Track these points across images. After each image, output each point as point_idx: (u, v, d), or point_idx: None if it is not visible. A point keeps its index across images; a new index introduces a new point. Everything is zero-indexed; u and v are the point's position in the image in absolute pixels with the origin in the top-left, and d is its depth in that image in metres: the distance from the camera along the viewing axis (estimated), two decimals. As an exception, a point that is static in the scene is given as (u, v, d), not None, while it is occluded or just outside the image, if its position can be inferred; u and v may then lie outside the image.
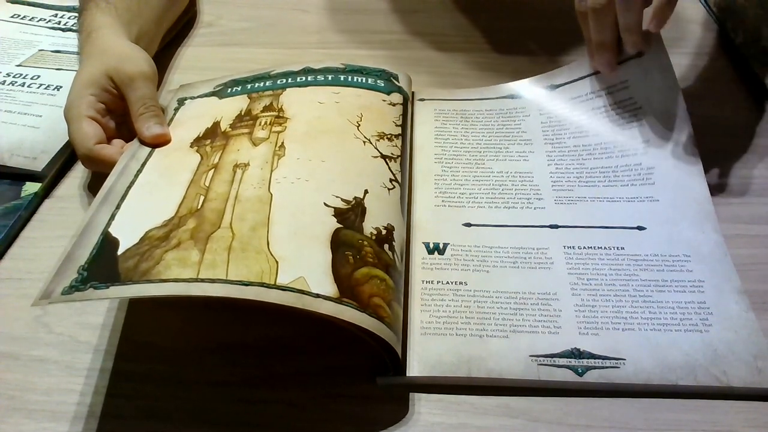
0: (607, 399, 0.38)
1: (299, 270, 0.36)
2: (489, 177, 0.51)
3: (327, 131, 0.48)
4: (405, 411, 0.37)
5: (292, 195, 0.42)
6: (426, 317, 0.41)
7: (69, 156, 0.54)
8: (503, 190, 0.50)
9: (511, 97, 0.58)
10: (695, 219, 0.46)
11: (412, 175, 0.51)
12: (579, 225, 0.47)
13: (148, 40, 0.58)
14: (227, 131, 0.49)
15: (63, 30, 0.67)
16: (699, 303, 0.41)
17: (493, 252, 0.45)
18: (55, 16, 0.70)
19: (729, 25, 0.65)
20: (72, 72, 0.51)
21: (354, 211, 0.41)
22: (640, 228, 0.46)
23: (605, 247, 0.45)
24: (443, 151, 0.53)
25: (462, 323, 0.40)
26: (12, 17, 0.69)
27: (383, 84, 0.55)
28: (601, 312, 0.41)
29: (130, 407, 0.38)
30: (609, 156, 0.51)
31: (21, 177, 0.51)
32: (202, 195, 0.42)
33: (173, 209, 0.41)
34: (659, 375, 0.38)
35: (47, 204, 0.51)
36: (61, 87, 0.58)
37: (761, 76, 0.59)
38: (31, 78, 0.60)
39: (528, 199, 0.49)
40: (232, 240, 0.38)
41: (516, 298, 0.42)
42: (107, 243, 0.38)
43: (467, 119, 0.56)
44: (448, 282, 0.43)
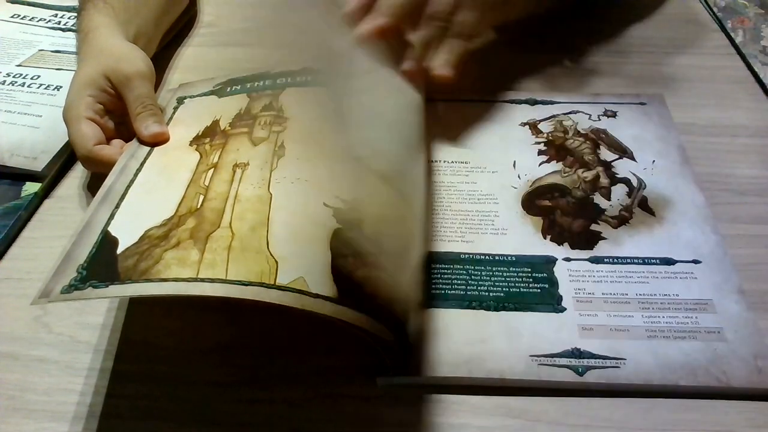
0: (608, 399, 0.37)
1: (299, 270, 0.36)
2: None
3: (327, 131, 0.48)
4: (405, 411, 0.37)
5: (291, 195, 0.42)
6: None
7: (69, 156, 0.54)
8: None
9: None
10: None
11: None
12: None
13: (146, 39, 0.58)
14: (227, 130, 0.49)
15: (63, 30, 0.67)
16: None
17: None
18: (55, 16, 0.70)
19: (729, 25, 0.65)
20: (72, 72, 0.51)
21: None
22: (640, 228, 0.46)
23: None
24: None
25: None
26: (12, 17, 0.69)
27: (383, 84, 0.55)
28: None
29: (130, 407, 0.38)
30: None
31: (21, 177, 0.51)
32: (201, 194, 0.42)
33: (173, 208, 0.41)
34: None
35: (47, 204, 0.51)
36: (61, 87, 0.58)
37: (761, 75, 0.59)
38: (31, 78, 0.60)
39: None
40: (231, 240, 0.38)
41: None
42: (107, 242, 0.38)
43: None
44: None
